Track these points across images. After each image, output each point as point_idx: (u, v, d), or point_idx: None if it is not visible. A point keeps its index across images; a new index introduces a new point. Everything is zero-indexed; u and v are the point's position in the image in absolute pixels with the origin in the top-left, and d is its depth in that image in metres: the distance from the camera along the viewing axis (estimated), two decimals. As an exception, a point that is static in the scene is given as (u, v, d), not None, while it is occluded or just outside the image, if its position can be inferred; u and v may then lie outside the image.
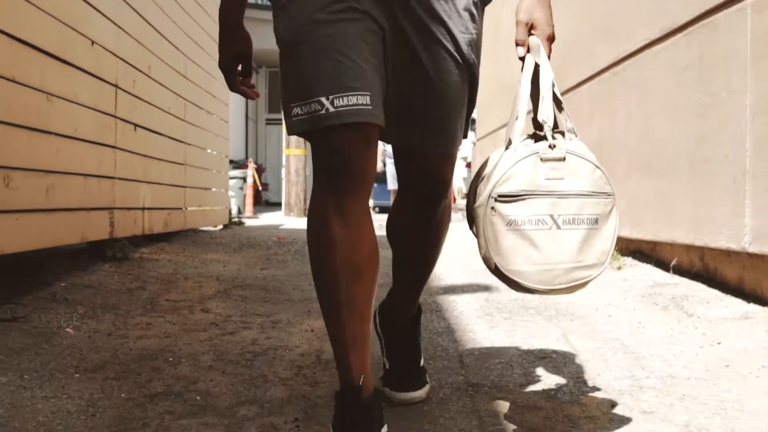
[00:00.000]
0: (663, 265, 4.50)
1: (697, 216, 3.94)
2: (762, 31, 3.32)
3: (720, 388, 2.40)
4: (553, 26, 1.94)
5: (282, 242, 7.39)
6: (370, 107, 1.74)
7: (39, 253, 4.01)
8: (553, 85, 1.91)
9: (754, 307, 3.40)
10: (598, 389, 2.40)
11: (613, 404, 2.24)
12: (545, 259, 1.80)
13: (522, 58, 1.93)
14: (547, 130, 1.88)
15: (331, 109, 1.72)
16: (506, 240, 1.80)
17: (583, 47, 5.78)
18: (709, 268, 4.01)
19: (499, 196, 1.81)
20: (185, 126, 6.75)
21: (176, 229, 6.59)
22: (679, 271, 4.31)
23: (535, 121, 1.93)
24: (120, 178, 4.93)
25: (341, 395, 1.81)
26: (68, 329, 3.13)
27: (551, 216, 1.80)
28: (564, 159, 1.84)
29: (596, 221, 1.84)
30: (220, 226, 8.92)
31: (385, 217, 2.33)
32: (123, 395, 2.31)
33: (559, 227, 1.81)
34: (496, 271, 1.85)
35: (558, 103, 1.92)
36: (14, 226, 3.42)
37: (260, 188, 18.13)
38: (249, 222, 11.65)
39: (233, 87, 2.08)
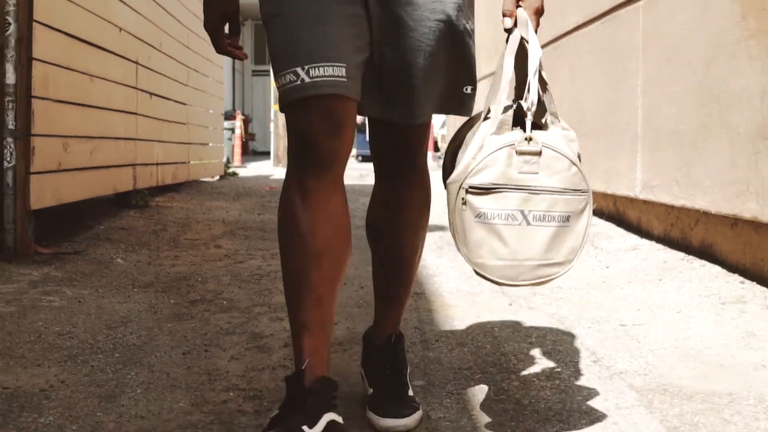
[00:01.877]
0: (587, 209, 5.49)
1: (609, 169, 4.95)
2: (650, 25, 4.29)
3: (589, 295, 3.42)
4: None
5: (274, 191, 8.34)
6: (345, 80, 1.70)
7: (79, 203, 4.99)
8: (540, 66, 1.81)
9: (643, 241, 4.42)
10: (504, 295, 3.42)
11: (511, 303, 3.26)
12: (512, 255, 1.73)
13: (509, 30, 1.84)
14: (528, 120, 1.78)
15: (307, 80, 1.67)
16: (474, 232, 1.74)
17: (533, 22, 6.69)
18: (619, 212, 5.02)
19: (470, 187, 1.73)
20: (188, 90, 7.69)
21: (182, 180, 7.59)
22: (599, 214, 5.32)
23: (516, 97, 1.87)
24: (140, 139, 5.90)
25: (291, 376, 1.75)
26: (118, 260, 4.12)
27: (521, 212, 1.73)
28: (540, 153, 1.75)
29: (567, 219, 1.75)
30: (217, 177, 9.89)
31: (367, 165, 3.17)
32: (172, 301, 3.30)
33: (528, 223, 1.73)
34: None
35: (543, 85, 1.81)
36: (70, 182, 4.40)
37: (251, 138, 18.93)
38: (238, 171, 12.58)
39: (220, 48, 1.96)
